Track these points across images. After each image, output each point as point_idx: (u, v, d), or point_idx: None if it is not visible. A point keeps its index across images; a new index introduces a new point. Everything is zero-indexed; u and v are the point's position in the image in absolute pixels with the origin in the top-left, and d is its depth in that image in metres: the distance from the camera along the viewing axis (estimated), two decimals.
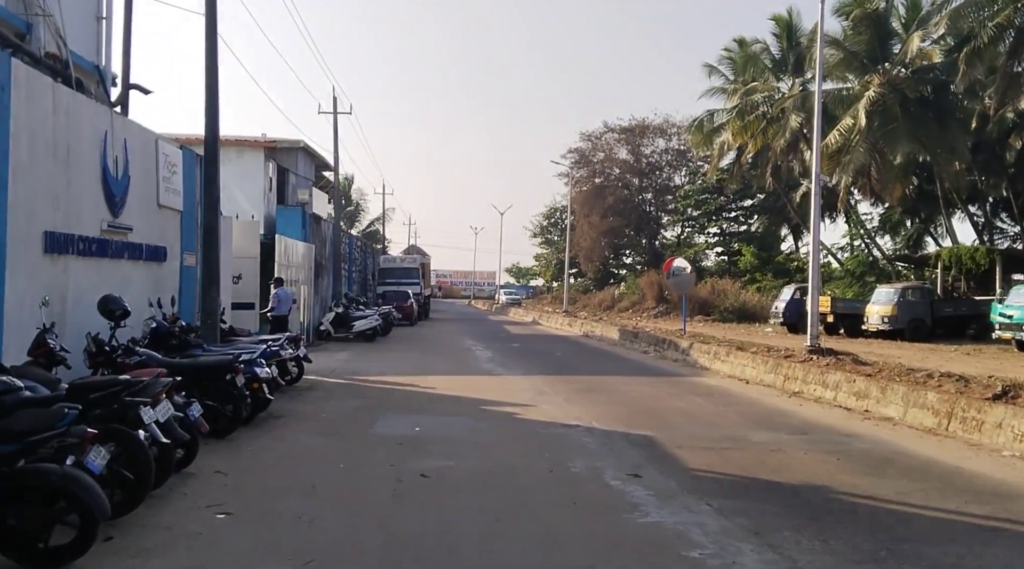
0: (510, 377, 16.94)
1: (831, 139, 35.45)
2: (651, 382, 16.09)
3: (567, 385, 15.42)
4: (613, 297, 57.35)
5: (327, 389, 14.65)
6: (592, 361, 21.01)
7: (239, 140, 26.97)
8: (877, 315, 30.71)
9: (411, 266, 43.67)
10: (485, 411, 12.31)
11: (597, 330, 30.55)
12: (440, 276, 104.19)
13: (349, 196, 66.12)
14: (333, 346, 24.75)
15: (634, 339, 25.07)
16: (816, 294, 16.96)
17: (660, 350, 22.22)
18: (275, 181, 28.22)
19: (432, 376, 16.82)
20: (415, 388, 14.87)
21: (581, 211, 63.40)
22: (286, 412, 11.84)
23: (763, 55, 44.59)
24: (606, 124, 66.88)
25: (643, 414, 12.08)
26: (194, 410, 7.97)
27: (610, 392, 14.45)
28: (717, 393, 14.50)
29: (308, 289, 25.65)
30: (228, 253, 16.34)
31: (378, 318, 27.27)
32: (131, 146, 12.31)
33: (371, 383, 15.52)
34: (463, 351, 23.73)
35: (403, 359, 20.66)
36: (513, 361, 20.36)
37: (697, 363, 19.25)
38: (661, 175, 67.83)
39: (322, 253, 30.53)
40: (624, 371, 18.35)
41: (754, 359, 16.58)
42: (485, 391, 14.53)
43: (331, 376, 16.54)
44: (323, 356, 20.73)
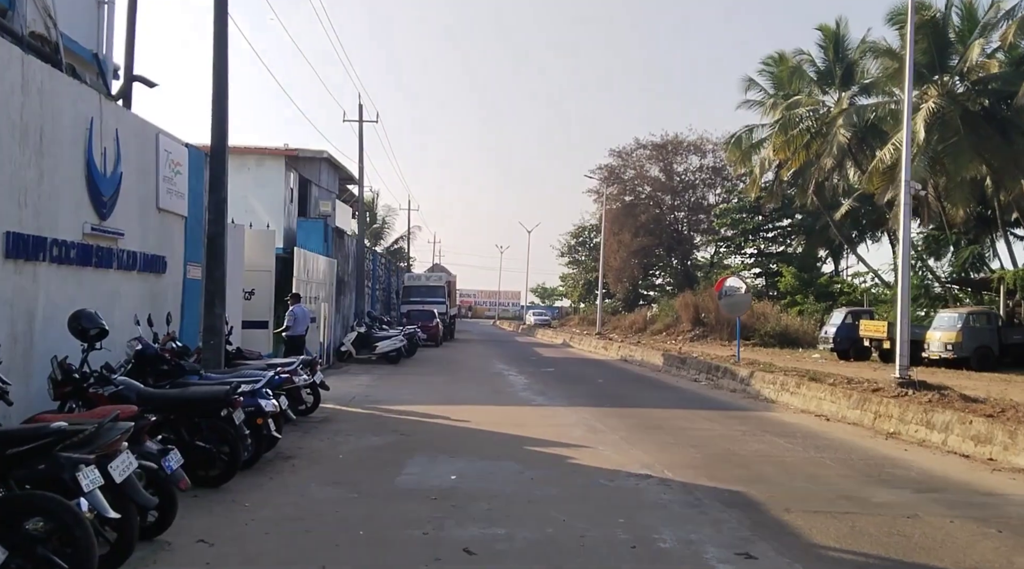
0: (553, 408, 14.99)
1: (885, 154, 33.38)
2: (716, 418, 14.06)
3: (620, 419, 13.44)
4: (645, 319, 55.22)
5: (346, 421, 12.78)
6: (640, 390, 18.99)
7: (259, 148, 25.42)
8: (939, 342, 28.42)
9: (437, 284, 41.91)
10: (532, 453, 10.37)
11: (636, 354, 28.50)
12: (464, 296, 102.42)
13: (374, 212, 64.64)
14: (354, 368, 22.94)
15: (681, 365, 23.02)
16: (906, 318, 14.90)
17: (713, 379, 20.17)
18: (296, 192, 26.61)
19: (464, 406, 14.91)
20: (446, 421, 12.96)
21: (611, 229, 61.39)
22: (297, 451, 9.98)
23: (807, 67, 42.59)
24: (637, 140, 65.04)
25: (722, 461, 10.08)
26: (171, 461, 6.12)
27: (673, 430, 12.46)
28: (798, 433, 12.45)
29: (329, 307, 23.93)
30: (238, 265, 14.61)
31: (402, 339, 25.45)
32: (125, 138, 10.60)
33: (396, 414, 13.64)
34: (495, 376, 21.80)
35: (430, 385, 18.79)
36: (552, 389, 18.41)
37: (760, 395, 17.19)
38: (695, 193, 65.82)
39: (345, 269, 28.85)
40: (680, 403, 16.32)
41: (833, 392, 14.50)
42: (527, 426, 12.60)
43: (351, 405, 14.69)
44: (343, 380, 18.90)
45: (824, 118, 40.51)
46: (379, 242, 64.17)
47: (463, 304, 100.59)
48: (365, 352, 25.15)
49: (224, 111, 11.57)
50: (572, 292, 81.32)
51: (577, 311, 78.40)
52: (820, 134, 40.33)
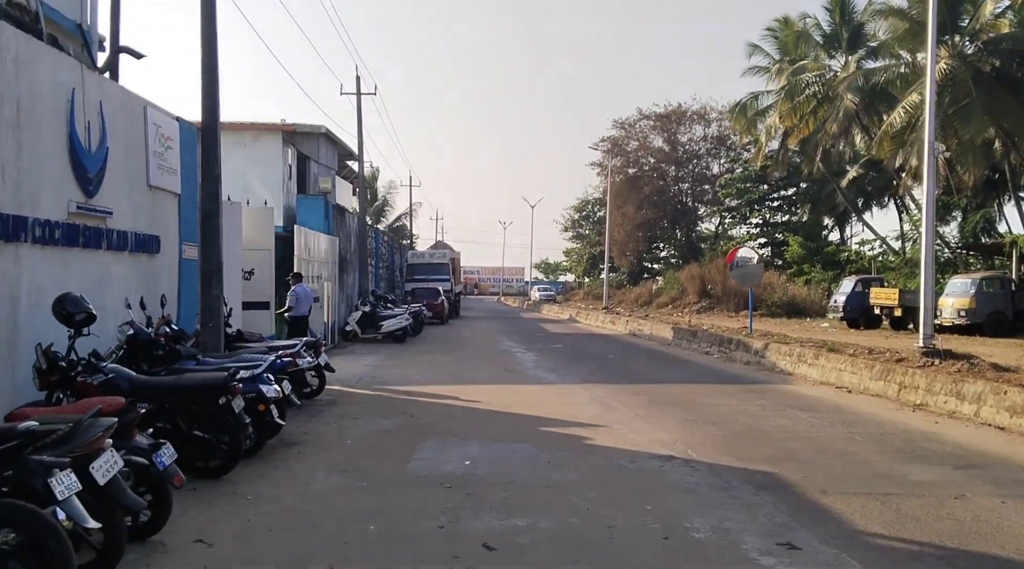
0: (565, 386, 14.52)
1: (895, 118, 32.65)
2: (733, 392, 13.58)
3: (635, 396, 12.96)
4: (651, 292, 54.76)
5: (353, 403, 12.32)
6: (652, 365, 18.52)
7: (255, 124, 24.81)
8: (952, 308, 27.92)
9: (441, 261, 41.37)
10: (547, 434, 9.90)
11: (645, 328, 28.00)
12: (468, 272, 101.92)
13: (375, 190, 63.90)
14: (360, 348, 22.50)
15: (692, 338, 22.53)
16: (931, 284, 14.35)
17: (726, 351, 19.68)
18: (295, 169, 26.02)
19: (474, 386, 14.44)
20: (456, 402, 12.50)
21: (615, 202, 60.69)
22: (301, 437, 9.52)
23: (813, 31, 41.70)
24: (640, 111, 64.10)
25: (746, 438, 9.60)
26: (163, 456, 5.65)
27: (690, 406, 11.98)
28: (822, 407, 11.97)
29: (332, 286, 23.44)
30: (236, 244, 14.09)
31: (408, 317, 24.97)
32: (110, 111, 10.04)
33: (404, 395, 13.18)
34: (503, 354, 21.33)
35: (438, 364, 18.32)
36: (562, 366, 17.94)
37: (776, 367, 16.70)
38: (699, 164, 64.98)
39: (347, 247, 28.30)
40: (694, 378, 15.84)
41: (854, 363, 14.01)
42: (539, 405, 12.13)
43: (357, 386, 14.23)
44: (349, 361, 18.45)
45: (831, 83, 39.73)
46: (381, 220, 63.48)
47: (467, 281, 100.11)
48: (370, 331, 24.69)
49: (215, 81, 10.99)
50: (576, 267, 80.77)
51: (582, 285, 77.89)
52: (827, 99, 39.55)
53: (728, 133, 63.10)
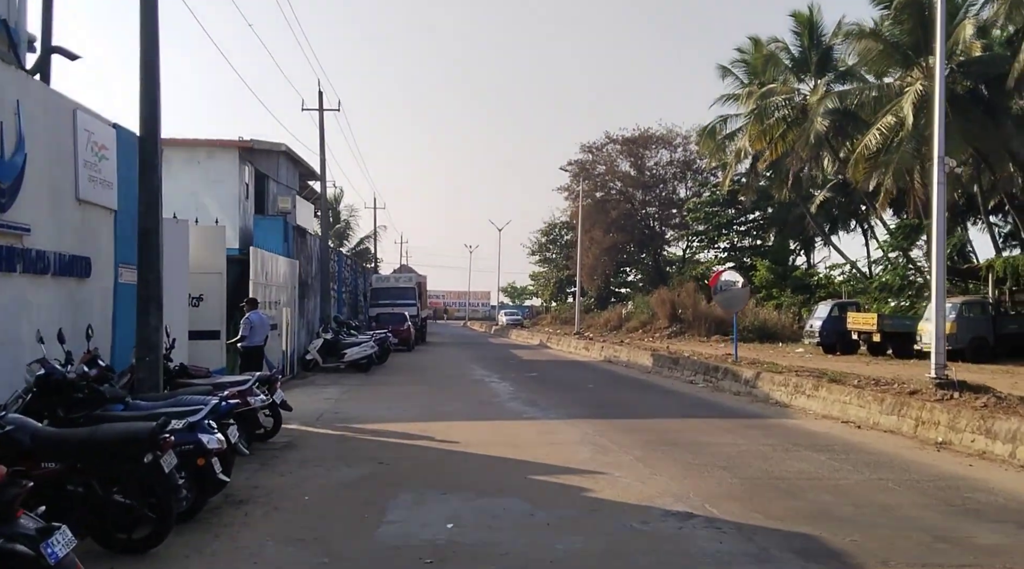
0: (548, 422, 13.22)
1: (870, 139, 32.17)
2: (733, 428, 12.40)
3: (628, 434, 11.72)
4: (620, 316, 53.83)
5: (313, 446, 10.90)
6: (637, 396, 17.30)
7: (210, 141, 23.34)
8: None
9: (407, 286, 39.96)
10: (539, 485, 8.60)
11: (622, 355, 26.85)
12: (433, 297, 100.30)
13: (338, 211, 62.37)
14: (321, 379, 21.00)
15: (673, 366, 21.40)
16: (942, 308, 13.38)
17: (712, 380, 18.57)
18: (252, 188, 24.53)
19: (449, 422, 13.10)
20: (431, 443, 11.14)
21: (582, 226, 59.97)
22: (251, 492, 8.10)
23: (782, 54, 41.36)
24: (608, 135, 63.61)
25: (767, 488, 8.39)
26: (56, 545, 4.25)
27: (692, 446, 10.76)
28: (836, 446, 10.83)
29: (291, 312, 21.95)
30: (182, 267, 12.65)
31: (373, 344, 23.52)
32: (31, 113, 8.64)
33: (371, 435, 11.79)
34: (476, 384, 20.00)
35: (408, 396, 16.92)
36: (542, 397, 16.65)
37: (770, 398, 15.60)
38: (665, 188, 64.62)
39: (308, 271, 26.82)
40: (686, 411, 14.65)
41: (861, 395, 12.94)
42: (524, 446, 10.83)
43: (318, 424, 12.79)
44: (308, 394, 16.99)
45: (800, 106, 39.34)
46: (344, 242, 61.95)
47: (433, 305, 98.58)
48: (332, 360, 23.20)
49: (154, 78, 9.60)
50: (543, 291, 79.74)
51: (548, 310, 76.80)
52: (796, 123, 39.12)
53: (694, 157, 62.93)
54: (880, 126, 32.00)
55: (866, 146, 32.30)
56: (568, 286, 74.23)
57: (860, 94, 35.23)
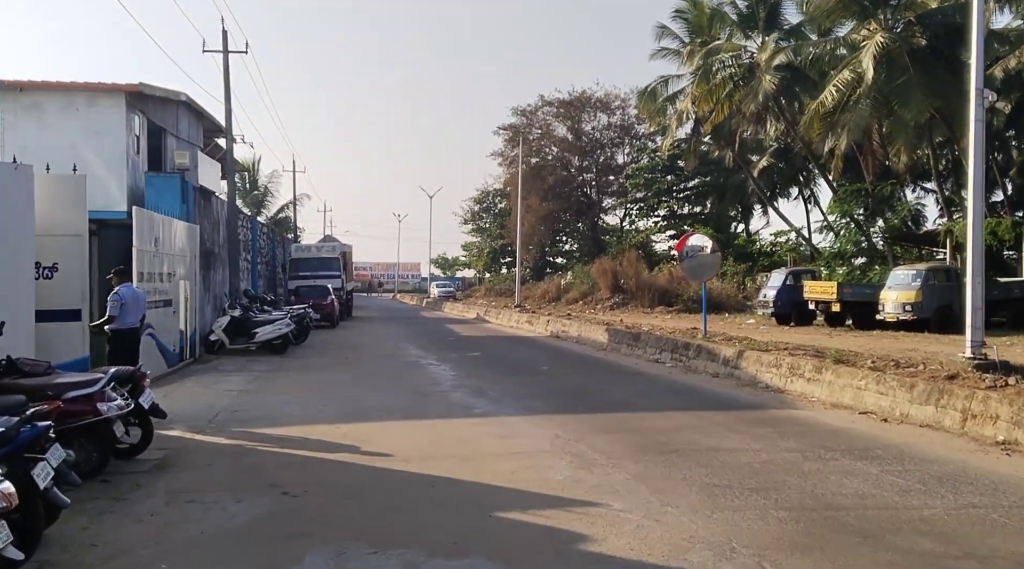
0: (504, 420, 10.58)
1: (827, 97, 30.31)
2: (736, 425, 9.99)
3: (610, 437, 9.20)
4: (559, 287, 51.53)
5: (195, 466, 8.05)
6: (602, 380, 14.79)
7: (89, 84, 19.73)
8: (896, 302, 25.58)
9: (330, 256, 36.72)
10: (510, 529, 5.98)
11: (571, 330, 24.39)
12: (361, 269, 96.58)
13: (255, 178, 58.19)
14: (227, 363, 17.97)
15: (634, 342, 19.02)
16: (979, 278, 11.21)
17: (682, 359, 16.25)
18: (144, 142, 21.05)
19: (378, 423, 10.38)
20: (356, 456, 8.40)
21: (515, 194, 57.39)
22: (83, 554, 5.27)
23: (727, 9, 39.21)
24: (543, 97, 60.90)
25: (832, 527, 5.95)
26: None
27: (699, 454, 8.30)
28: (877, 449, 8.50)
29: (192, 285, 18.78)
30: (23, 226, 9.51)
31: (289, 322, 20.48)
32: None
33: (277, 446, 8.98)
34: (411, 367, 17.25)
35: (329, 386, 14.07)
36: (490, 383, 14.03)
37: (758, 381, 13.31)
38: (603, 154, 62.39)
39: (214, 238, 23.49)
40: (669, 400, 12.22)
41: (881, 381, 10.69)
42: (480, 458, 8.20)
43: (209, 430, 9.91)
44: (206, 384, 14.04)
45: (747, 66, 37.36)
46: (262, 212, 57.84)
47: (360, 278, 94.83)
48: (241, 341, 20.13)
49: None
50: (476, 262, 76.91)
51: (482, 281, 74.14)
52: (744, 82, 37.15)
53: (633, 122, 60.83)
54: (837, 82, 30.15)
55: (822, 103, 30.45)
56: (502, 256, 71.66)
57: (816, 47, 33.34)
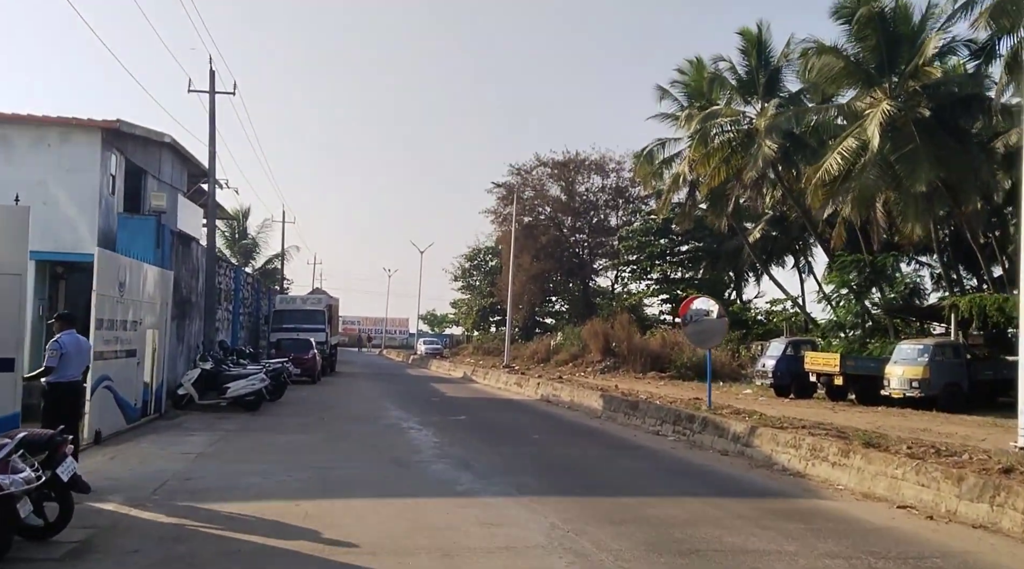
0: (493, 502, 9.20)
1: (831, 164, 29.61)
2: (762, 518, 8.63)
3: (618, 530, 7.85)
4: (548, 348, 50.31)
5: (114, 554, 6.67)
6: (602, 455, 13.39)
7: (63, 119, 18.71)
8: (902, 378, 24.45)
9: (315, 308, 35.43)
10: None
11: (563, 394, 23.04)
12: (348, 323, 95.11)
13: (244, 229, 57.19)
14: (193, 420, 16.55)
15: (632, 412, 17.69)
16: None
17: (685, 433, 14.94)
18: (121, 182, 19.97)
19: (348, 500, 9.02)
20: (315, 547, 7.01)
21: (508, 252, 56.53)
22: None
23: (727, 74, 38.86)
24: (538, 157, 60.52)
25: None
26: None
27: (720, 557, 6.97)
28: (934, 556, 7.21)
29: (161, 335, 17.44)
30: None
31: (263, 377, 19.08)
32: None
33: (224, 527, 7.61)
34: (391, 430, 15.86)
35: (297, 450, 12.68)
36: (477, 453, 12.67)
37: (774, 462, 12.01)
38: (596, 215, 61.83)
39: (192, 286, 22.26)
40: (677, 483, 10.86)
41: (921, 471, 9.41)
42: (464, 555, 6.85)
43: (149, 503, 8.51)
44: (164, 444, 12.66)
45: (746, 131, 36.86)
46: (250, 262, 56.69)
47: (347, 332, 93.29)
48: (212, 396, 18.72)
49: None
50: (465, 319, 75.62)
51: (470, 339, 72.76)
52: (742, 147, 36.61)
53: (627, 185, 60.46)
54: (841, 150, 29.50)
55: (826, 171, 29.75)
56: (492, 315, 70.47)
57: (818, 113, 32.84)
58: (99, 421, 13.56)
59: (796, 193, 37.04)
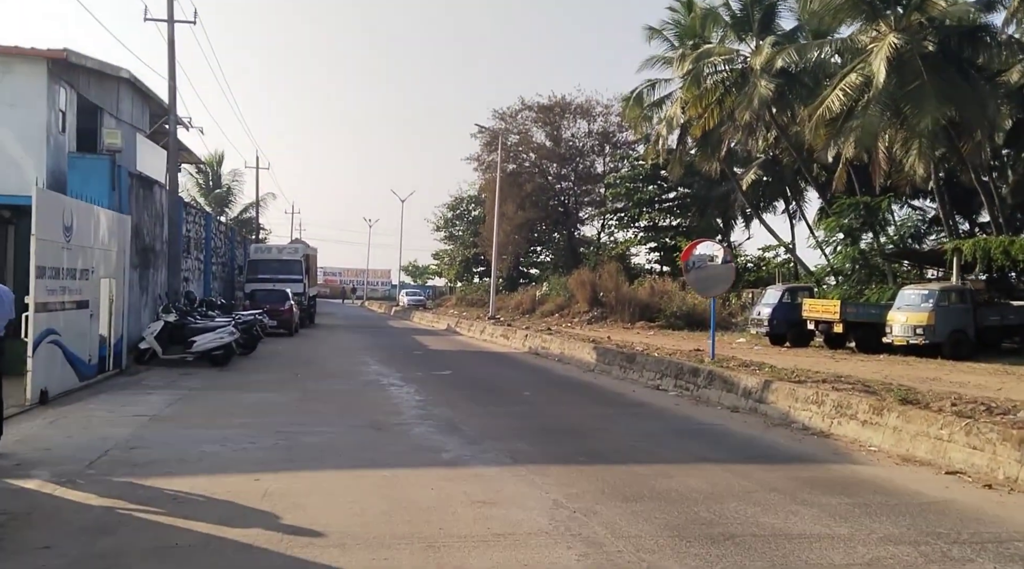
0: (484, 472, 7.98)
1: (833, 101, 28.22)
2: (796, 490, 7.47)
3: (633, 508, 6.66)
4: (534, 299, 49.13)
5: (19, 552, 5.38)
6: (602, 414, 12.14)
7: (3, 48, 16.92)
8: (906, 325, 23.46)
9: (291, 258, 33.93)
10: None
11: (552, 346, 21.82)
12: (330, 274, 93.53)
13: (218, 175, 55.13)
14: (155, 377, 15.23)
15: (628, 365, 16.50)
16: None
17: (688, 387, 13.78)
18: (72, 119, 18.27)
19: (318, 473, 7.76)
20: (272, 537, 5.74)
21: (491, 200, 54.92)
22: None
23: (721, 10, 37.12)
24: (523, 101, 58.53)
25: None
26: None
27: (760, 544, 5.79)
28: (1016, 540, 6.06)
29: (120, 285, 16.01)
30: None
31: (232, 330, 17.69)
32: None
33: (164, 512, 6.31)
34: (370, 387, 14.59)
35: (264, 410, 11.40)
36: (464, 413, 11.44)
37: (792, 420, 10.87)
38: (583, 162, 60.12)
39: (155, 233, 20.71)
40: (689, 447, 9.68)
41: (972, 431, 8.26)
42: (448, 546, 5.61)
43: (80, 480, 7.20)
44: (115, 404, 11.34)
45: (740, 71, 35.28)
46: (225, 211, 54.81)
47: (329, 284, 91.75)
48: (177, 350, 17.37)
49: None
50: (448, 270, 74.20)
51: (453, 291, 71.46)
52: (736, 86, 35.09)
53: (614, 130, 58.77)
54: (844, 86, 28.08)
55: (827, 108, 28.35)
56: (475, 265, 69.07)
57: (819, 48, 31.27)
58: (45, 379, 12.25)
59: (792, 135, 35.72)
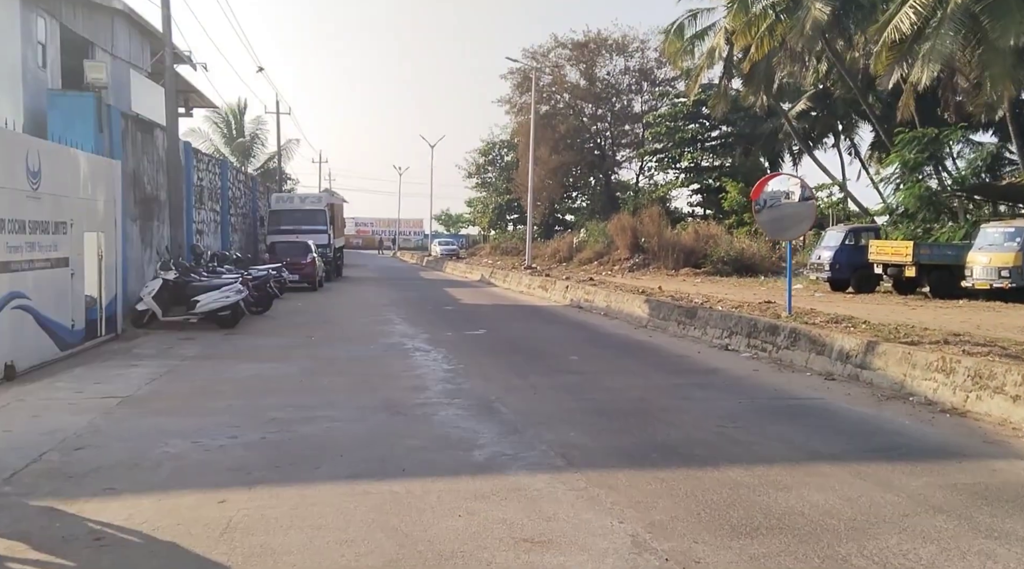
0: (529, 485, 5.92)
1: (901, 21, 25.31)
2: (958, 504, 5.38)
3: (746, 554, 4.60)
4: (571, 246, 46.85)
5: None
6: (670, 388, 9.91)
7: None
8: (989, 267, 21.02)
9: (315, 208, 32.01)
10: None
11: (597, 299, 19.65)
12: (361, 225, 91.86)
13: (242, 124, 53.14)
14: (150, 343, 13.43)
15: (688, 321, 14.31)
16: None
17: (765, 348, 11.62)
18: (53, 53, 16.26)
19: (306, 487, 5.77)
20: None
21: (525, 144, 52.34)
22: None
23: None
24: (555, 38, 55.45)
25: None
26: None
27: None
28: None
29: (112, 239, 14.18)
30: None
31: (240, 288, 15.79)
32: None
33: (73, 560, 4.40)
34: (392, 354, 12.60)
35: (257, 394, 9.38)
36: (503, 390, 9.39)
37: (911, 393, 8.69)
38: (620, 101, 57.11)
39: (157, 182, 18.80)
40: (792, 435, 7.55)
41: None
42: None
43: (15, 484, 5.34)
44: (82, 384, 9.48)
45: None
46: (249, 161, 52.94)
47: (362, 234, 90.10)
48: (180, 311, 15.57)
49: None
50: (481, 218, 71.92)
51: (487, 239, 69.31)
52: (788, 12, 32.14)
53: (652, 66, 55.63)
54: (914, 3, 25.09)
55: (895, 28, 25.42)
56: (509, 213, 66.77)
57: None
58: (11, 351, 10.49)
59: (848, 63, 32.75)
